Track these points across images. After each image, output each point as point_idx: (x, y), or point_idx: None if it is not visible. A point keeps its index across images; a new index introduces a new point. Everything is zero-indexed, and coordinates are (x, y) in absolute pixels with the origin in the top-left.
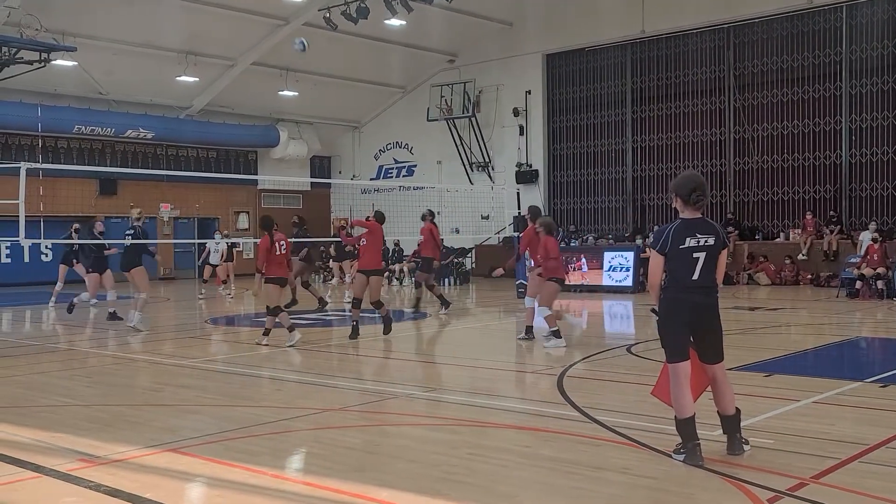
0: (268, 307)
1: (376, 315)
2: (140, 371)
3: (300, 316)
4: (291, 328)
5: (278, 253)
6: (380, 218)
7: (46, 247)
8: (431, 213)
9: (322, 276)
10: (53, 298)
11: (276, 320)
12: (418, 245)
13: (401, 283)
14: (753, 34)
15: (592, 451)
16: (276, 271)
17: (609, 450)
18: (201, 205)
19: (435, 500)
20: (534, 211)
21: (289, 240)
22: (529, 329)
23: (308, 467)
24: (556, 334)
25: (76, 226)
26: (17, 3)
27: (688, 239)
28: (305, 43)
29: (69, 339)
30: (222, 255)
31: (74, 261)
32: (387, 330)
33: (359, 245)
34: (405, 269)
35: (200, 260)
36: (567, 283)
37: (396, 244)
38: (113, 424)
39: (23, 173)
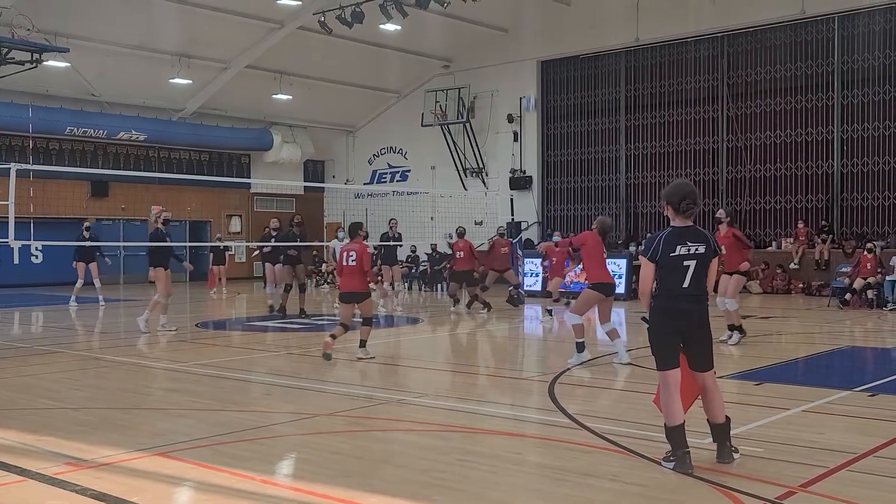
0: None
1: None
2: (129, 374)
3: (291, 321)
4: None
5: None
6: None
7: (37, 248)
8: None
9: (315, 280)
10: (73, 297)
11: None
12: (458, 258)
13: (409, 289)
14: (747, 43)
15: (582, 457)
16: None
17: (599, 457)
18: (193, 207)
19: None
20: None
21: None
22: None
23: (296, 472)
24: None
25: (87, 224)
26: (8, 2)
27: (678, 247)
28: None
29: (59, 342)
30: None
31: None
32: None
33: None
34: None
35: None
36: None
37: (413, 251)
38: (100, 428)
39: (13, 174)
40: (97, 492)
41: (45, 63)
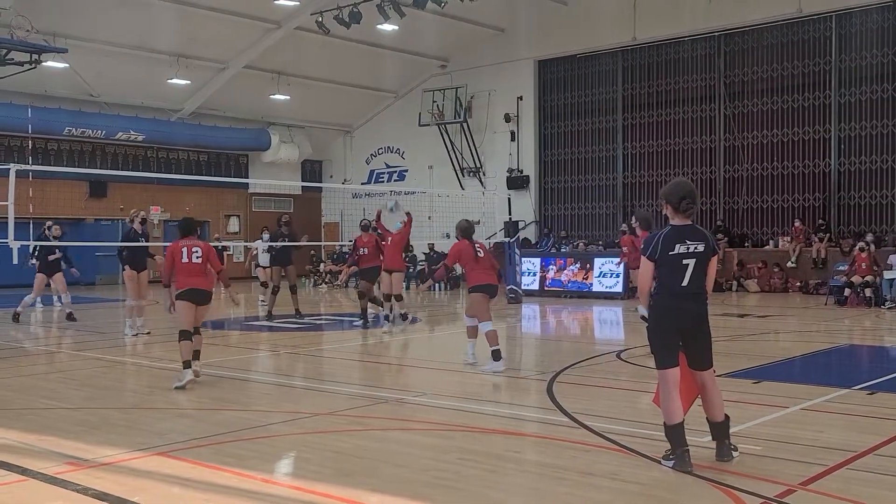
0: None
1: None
2: (129, 374)
3: (286, 321)
4: None
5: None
6: None
7: (35, 249)
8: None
9: (313, 280)
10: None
11: None
12: (362, 254)
13: (406, 288)
14: (744, 42)
15: (582, 456)
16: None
17: (598, 455)
18: (192, 208)
19: None
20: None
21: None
22: None
23: (296, 471)
24: None
25: (50, 224)
26: (7, 3)
27: (677, 245)
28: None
29: (57, 342)
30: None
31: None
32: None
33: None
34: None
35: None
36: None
37: (410, 250)
38: (101, 427)
39: (12, 175)
40: (98, 491)
41: (43, 64)
